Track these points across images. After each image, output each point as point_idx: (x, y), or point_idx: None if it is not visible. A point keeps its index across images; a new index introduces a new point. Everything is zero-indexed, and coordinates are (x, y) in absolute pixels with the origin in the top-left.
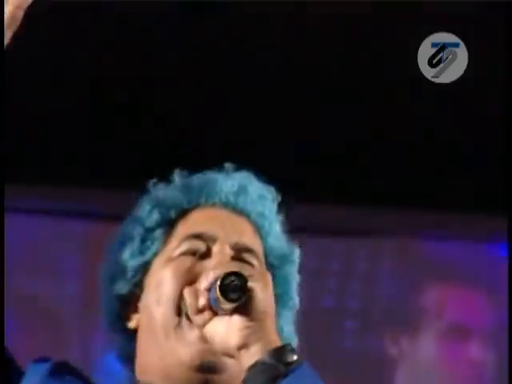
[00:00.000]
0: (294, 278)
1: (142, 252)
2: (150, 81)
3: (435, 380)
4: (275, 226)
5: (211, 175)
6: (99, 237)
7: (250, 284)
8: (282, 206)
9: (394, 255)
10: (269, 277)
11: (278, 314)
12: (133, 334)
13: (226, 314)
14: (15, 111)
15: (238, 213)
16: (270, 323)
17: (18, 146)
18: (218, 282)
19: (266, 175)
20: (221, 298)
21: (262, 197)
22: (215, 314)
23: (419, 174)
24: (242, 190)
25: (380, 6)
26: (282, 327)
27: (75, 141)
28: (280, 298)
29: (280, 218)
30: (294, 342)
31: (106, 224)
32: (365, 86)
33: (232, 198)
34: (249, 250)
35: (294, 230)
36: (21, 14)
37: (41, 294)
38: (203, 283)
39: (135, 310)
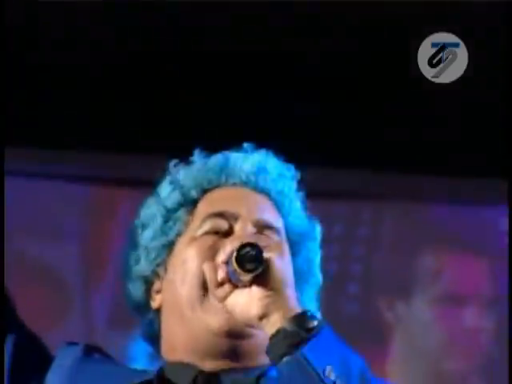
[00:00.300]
0: (316, 255)
1: (164, 232)
2: (148, 43)
3: (436, 345)
4: (295, 204)
5: (231, 155)
6: (99, 200)
7: (266, 254)
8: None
9: (396, 219)
10: (286, 247)
11: (300, 291)
12: (156, 315)
13: (246, 286)
14: (16, 74)
15: (258, 191)
16: (289, 291)
17: (19, 109)
18: (235, 254)
19: (269, 138)
20: (238, 270)
21: (281, 175)
22: (235, 286)
23: (420, 139)
24: (261, 169)
25: (380, 6)
26: (306, 305)
27: (76, 104)
28: (302, 275)
29: (300, 195)
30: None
31: (106, 187)
32: (365, 85)
33: (252, 177)
34: (270, 227)
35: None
36: None
37: (42, 256)
38: (221, 256)
39: (158, 290)
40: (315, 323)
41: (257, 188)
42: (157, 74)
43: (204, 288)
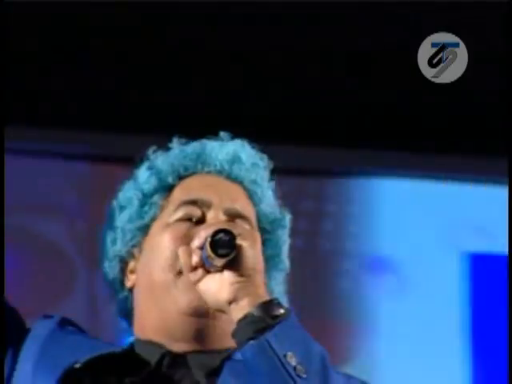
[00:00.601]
0: (285, 242)
1: (140, 216)
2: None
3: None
4: (267, 193)
5: (207, 144)
6: (98, 177)
7: (239, 242)
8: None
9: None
10: (258, 236)
11: (269, 276)
12: (130, 294)
13: (218, 271)
14: (16, 55)
15: (232, 180)
16: (259, 279)
17: (19, 88)
18: (209, 239)
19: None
20: (211, 255)
21: (254, 165)
22: (208, 272)
23: (417, 116)
24: (236, 158)
25: (380, 6)
26: (273, 288)
27: (76, 84)
28: (271, 260)
29: (272, 184)
30: (284, 302)
31: (105, 165)
32: (365, 85)
33: (226, 166)
34: (241, 216)
35: (295, 171)
36: None
37: (49, 234)
38: (196, 242)
39: (133, 270)
40: (281, 311)
41: (230, 177)
42: (157, 57)
43: (177, 272)
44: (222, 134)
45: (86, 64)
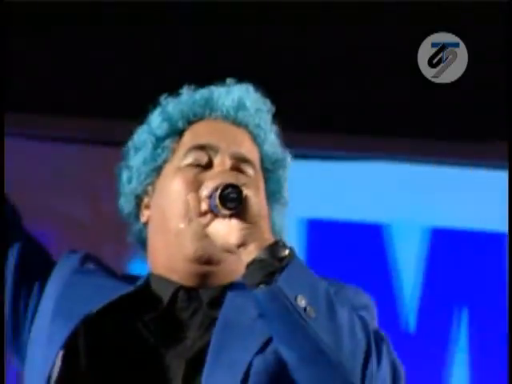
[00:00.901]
0: (285, 180)
1: (153, 158)
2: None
3: None
4: (270, 135)
5: (214, 90)
6: (93, 160)
7: (245, 191)
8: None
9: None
10: (261, 183)
11: (271, 209)
12: (144, 228)
13: (226, 217)
14: (16, 43)
15: (237, 125)
16: (264, 224)
17: (19, 77)
18: (218, 192)
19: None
20: (220, 206)
21: (258, 110)
22: (216, 216)
23: (418, 104)
24: (241, 104)
25: (380, 6)
26: (275, 220)
27: (74, 73)
28: (273, 196)
29: (274, 127)
30: (284, 233)
31: (101, 149)
32: (364, 85)
33: (232, 112)
34: (246, 161)
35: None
36: None
37: (71, 212)
38: (204, 191)
39: (147, 205)
40: (286, 252)
41: (236, 122)
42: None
43: (187, 216)
44: (228, 80)
45: (84, 55)
